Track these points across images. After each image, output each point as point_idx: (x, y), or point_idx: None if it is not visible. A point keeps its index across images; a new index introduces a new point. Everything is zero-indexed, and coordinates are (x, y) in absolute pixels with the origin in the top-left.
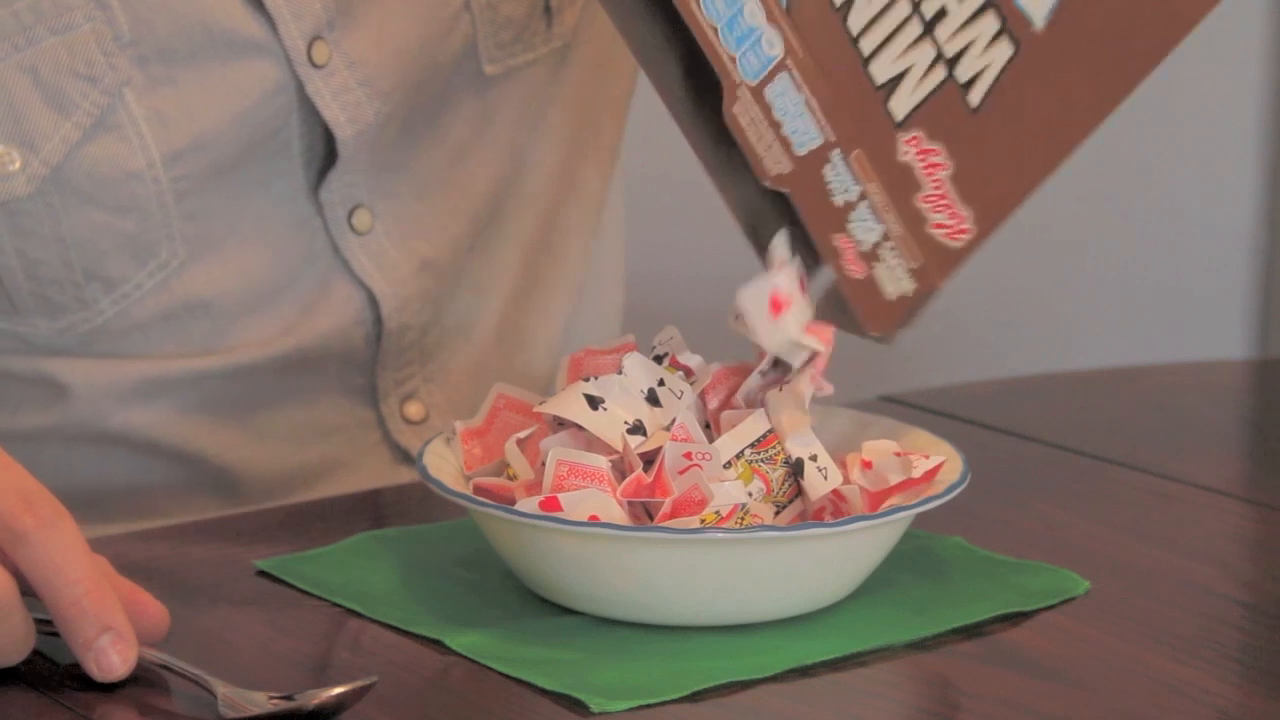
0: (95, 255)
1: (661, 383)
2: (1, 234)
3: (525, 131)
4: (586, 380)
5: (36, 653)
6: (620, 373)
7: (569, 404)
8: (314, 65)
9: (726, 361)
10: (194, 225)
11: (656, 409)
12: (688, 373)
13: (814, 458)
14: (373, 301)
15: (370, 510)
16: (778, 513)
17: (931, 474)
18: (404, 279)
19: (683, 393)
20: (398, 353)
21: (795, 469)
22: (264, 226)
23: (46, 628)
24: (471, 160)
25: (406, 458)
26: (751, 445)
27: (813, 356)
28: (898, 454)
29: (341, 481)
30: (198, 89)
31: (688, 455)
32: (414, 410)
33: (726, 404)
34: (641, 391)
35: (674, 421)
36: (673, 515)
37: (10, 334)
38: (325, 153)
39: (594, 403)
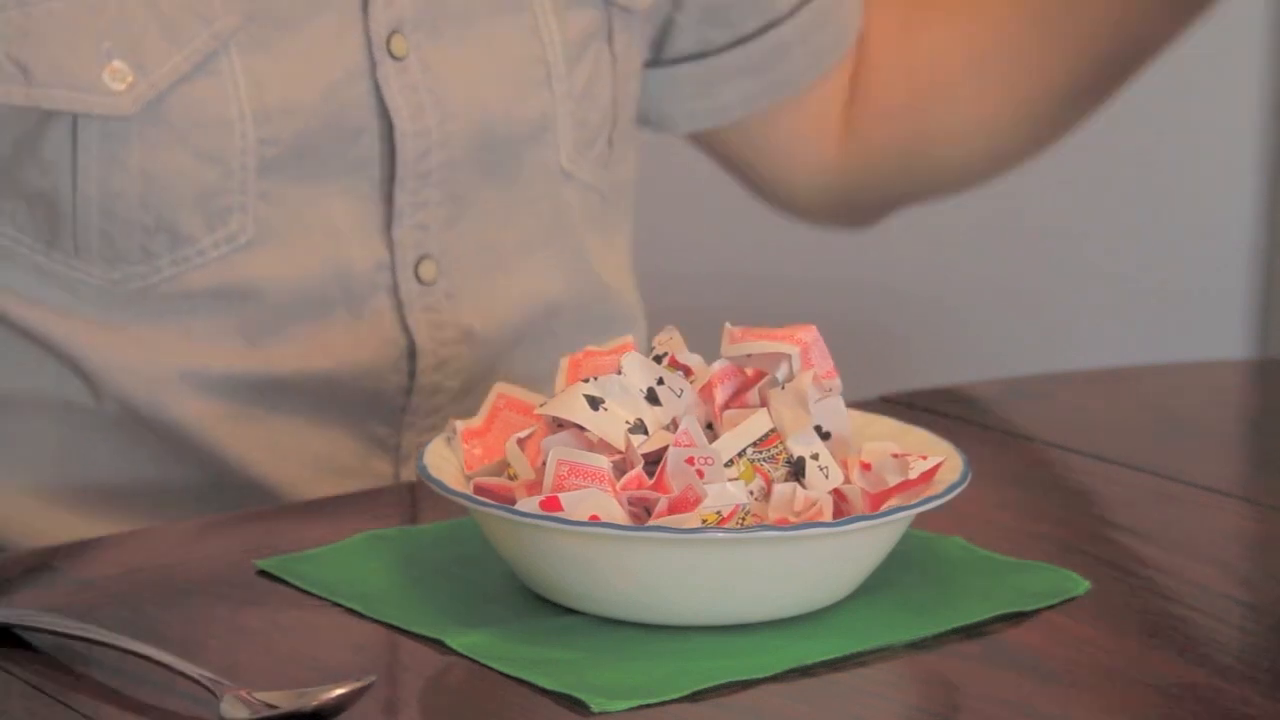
0: (172, 201)
1: (661, 381)
2: (91, 158)
3: (592, 257)
4: (586, 381)
5: (38, 653)
6: (619, 372)
7: (570, 405)
8: (391, 55)
9: (729, 360)
10: (268, 206)
11: (656, 408)
12: (687, 372)
13: (815, 456)
14: (413, 354)
15: (370, 510)
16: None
17: (929, 475)
18: (447, 341)
19: (682, 391)
20: (426, 414)
21: (796, 468)
22: (333, 235)
23: (48, 629)
24: (539, 256)
25: None
26: (753, 444)
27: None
28: (895, 455)
29: None
30: (291, 55)
31: (690, 461)
32: None
33: (731, 403)
34: (641, 391)
35: (674, 421)
36: (669, 513)
37: (61, 282)
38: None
39: (594, 403)
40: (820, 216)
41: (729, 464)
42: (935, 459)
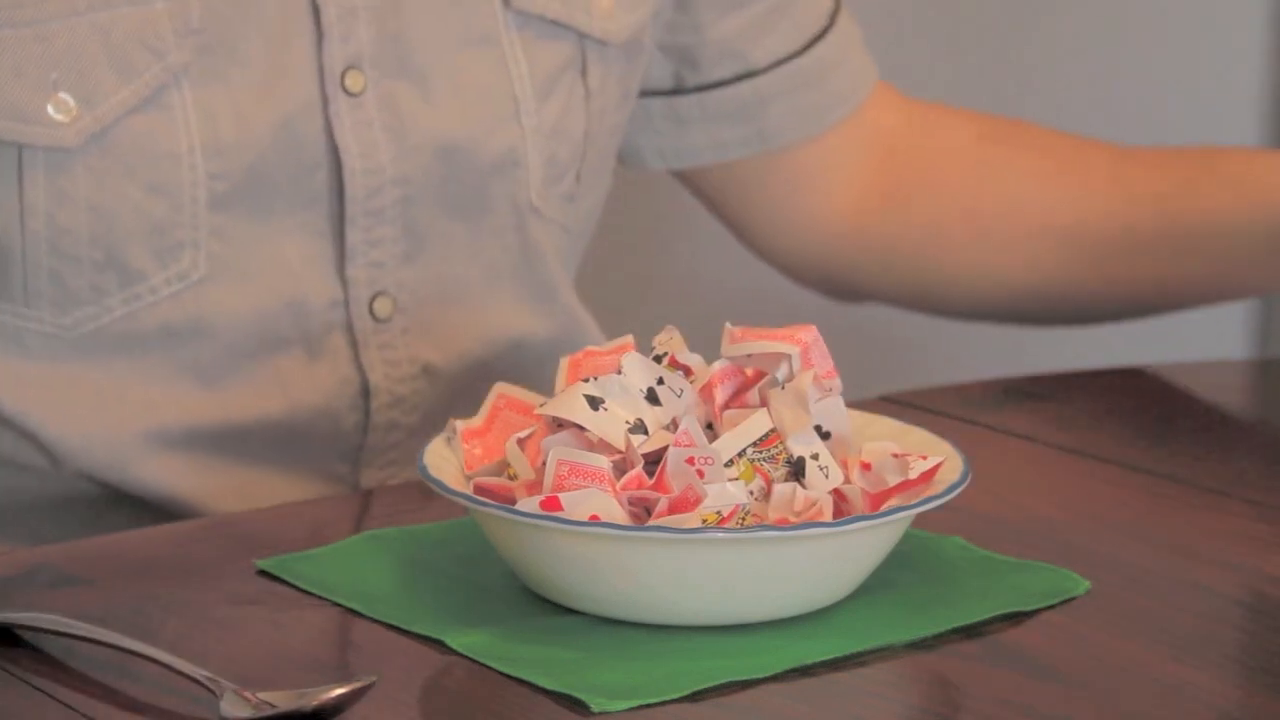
0: (121, 235)
1: (661, 381)
2: (38, 195)
3: (560, 290)
4: (586, 381)
5: (38, 652)
6: (619, 372)
7: (570, 405)
8: (346, 92)
9: (729, 359)
10: (220, 242)
11: (656, 408)
12: (687, 372)
13: (815, 456)
14: (367, 392)
15: (370, 510)
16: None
17: (929, 475)
18: (403, 378)
19: (682, 391)
20: (383, 450)
21: (796, 467)
22: (287, 272)
23: (48, 629)
24: (505, 291)
25: None
26: (754, 444)
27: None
28: (895, 455)
29: None
30: (243, 89)
31: (690, 461)
32: None
33: (731, 403)
34: (641, 391)
35: (674, 421)
36: (670, 513)
37: (9, 335)
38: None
39: (594, 403)
40: (803, 278)
41: (729, 464)
42: (935, 459)
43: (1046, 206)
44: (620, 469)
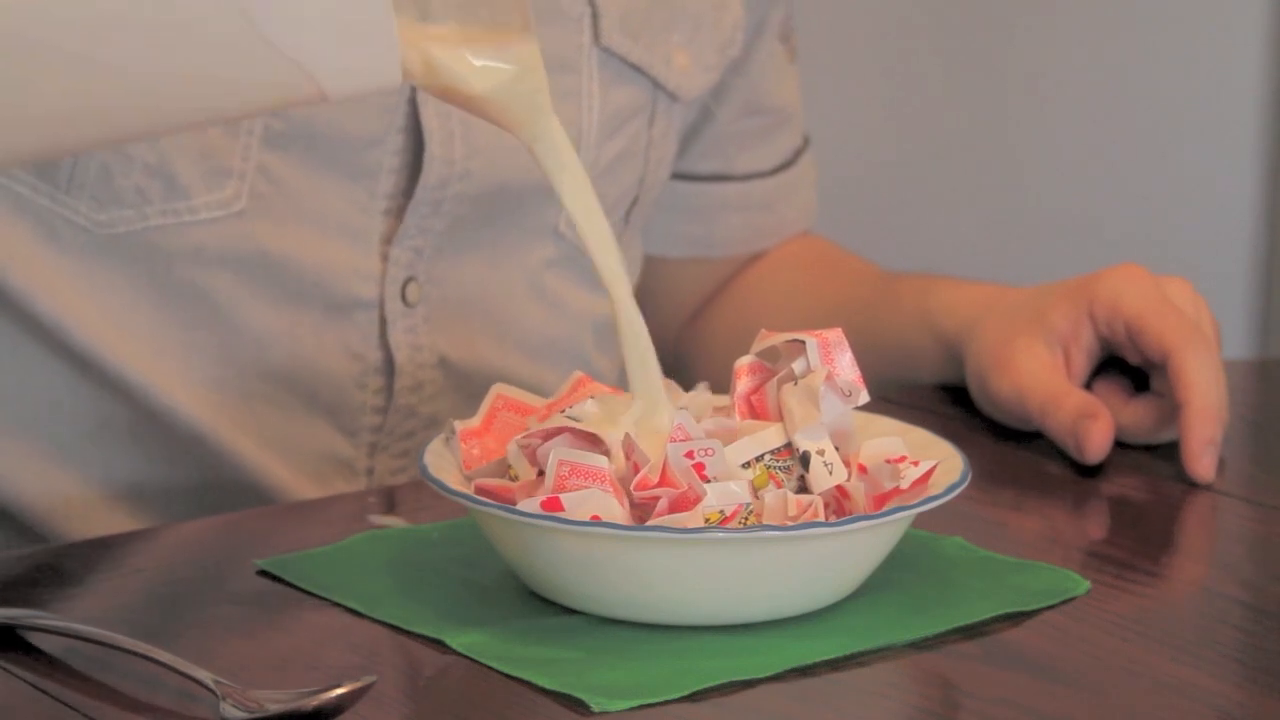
0: (179, 146)
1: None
2: None
3: (577, 318)
4: (562, 412)
5: (39, 652)
6: (591, 397)
7: (553, 424)
8: None
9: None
10: (266, 182)
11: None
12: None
13: (821, 452)
14: (390, 372)
15: (370, 510)
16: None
17: (922, 480)
18: (424, 364)
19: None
20: (399, 437)
21: (802, 462)
22: (325, 233)
23: (49, 628)
24: (520, 305)
25: None
26: (772, 452)
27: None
28: (889, 461)
29: None
30: None
31: (689, 454)
32: None
33: (753, 393)
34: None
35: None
36: (670, 511)
37: (42, 217)
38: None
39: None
40: None
41: (746, 465)
42: (927, 464)
43: (797, 305)
44: (623, 477)
